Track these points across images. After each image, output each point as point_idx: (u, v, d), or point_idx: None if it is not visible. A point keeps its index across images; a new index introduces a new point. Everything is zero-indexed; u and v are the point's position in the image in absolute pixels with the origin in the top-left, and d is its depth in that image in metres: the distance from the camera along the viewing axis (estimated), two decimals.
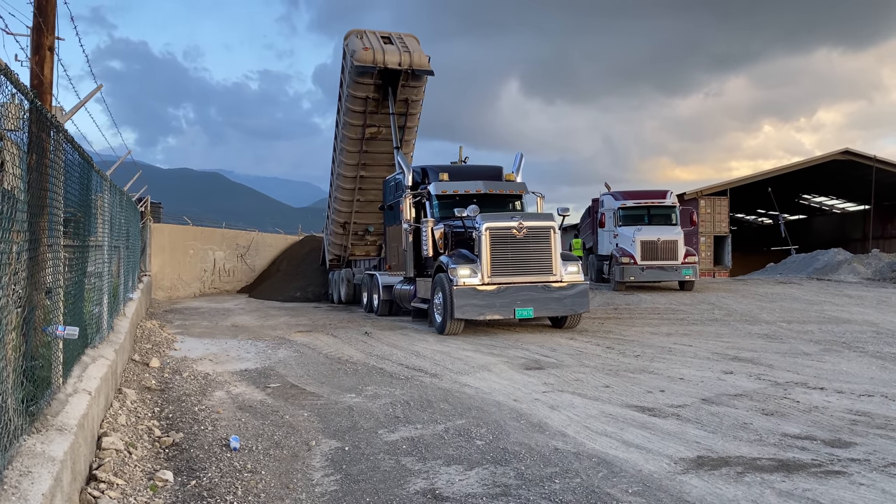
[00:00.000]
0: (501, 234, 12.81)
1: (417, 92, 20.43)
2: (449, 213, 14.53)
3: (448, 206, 14.70)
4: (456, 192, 14.85)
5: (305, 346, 12.56)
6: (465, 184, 15.02)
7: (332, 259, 24.36)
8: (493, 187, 15.13)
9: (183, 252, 27.95)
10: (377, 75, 19.38)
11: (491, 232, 12.80)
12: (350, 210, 22.55)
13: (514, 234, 12.84)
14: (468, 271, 12.64)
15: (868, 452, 5.54)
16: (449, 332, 12.98)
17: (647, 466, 5.33)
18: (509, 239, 12.84)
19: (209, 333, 14.91)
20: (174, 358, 11.18)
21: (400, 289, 16.49)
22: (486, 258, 12.75)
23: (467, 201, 14.38)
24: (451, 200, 14.76)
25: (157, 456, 5.92)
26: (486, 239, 12.75)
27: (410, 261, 15.40)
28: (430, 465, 5.53)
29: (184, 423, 7.05)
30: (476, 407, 7.40)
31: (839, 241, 38.67)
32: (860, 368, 9.26)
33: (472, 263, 12.72)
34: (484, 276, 12.67)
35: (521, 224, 12.86)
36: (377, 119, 20.62)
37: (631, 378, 8.84)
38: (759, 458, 5.47)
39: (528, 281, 12.87)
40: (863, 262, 27.40)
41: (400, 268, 16.49)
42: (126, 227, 12.38)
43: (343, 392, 8.40)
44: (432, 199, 14.94)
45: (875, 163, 36.77)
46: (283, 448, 6.12)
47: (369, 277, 19.97)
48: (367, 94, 19.89)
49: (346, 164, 21.56)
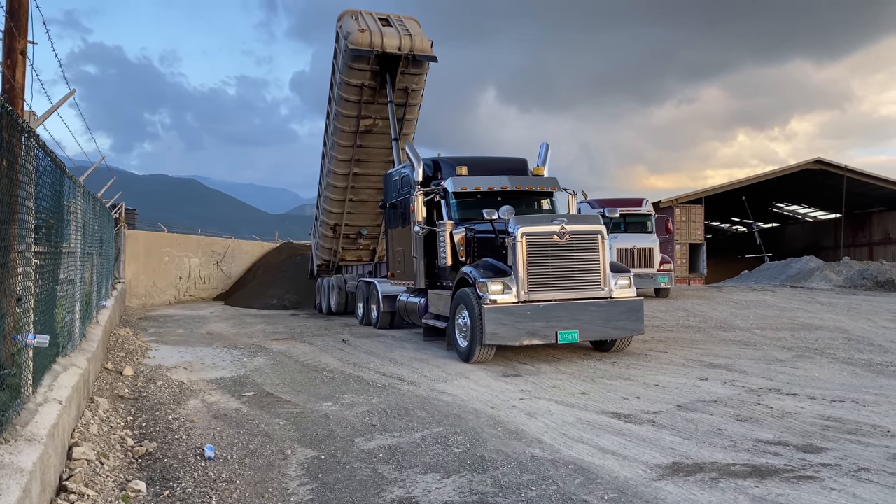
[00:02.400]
0: (541, 240, 10.52)
1: (418, 80, 18.59)
2: (469, 213, 12.31)
3: (467, 206, 12.45)
4: (478, 188, 12.50)
5: (282, 354, 12.47)
6: (488, 179, 12.64)
7: (321, 265, 22.49)
8: (520, 183, 12.78)
9: (158, 259, 27.63)
10: (374, 60, 17.56)
11: (528, 238, 10.47)
12: (341, 211, 20.70)
13: (556, 240, 10.54)
14: (500, 286, 10.35)
15: (839, 458, 5.62)
16: (478, 359, 10.58)
17: (622, 473, 5.35)
18: (550, 247, 10.54)
19: (184, 341, 14.74)
20: (148, 366, 11.04)
21: (406, 301, 14.30)
22: (523, 270, 10.40)
23: (490, 199, 12.39)
24: (472, 198, 12.51)
25: (130, 466, 5.84)
26: (523, 247, 10.42)
27: (421, 270, 13.13)
28: (406, 473, 5.51)
29: (157, 432, 6.95)
30: (453, 414, 7.39)
31: (811, 249, 39.33)
32: (832, 374, 9.39)
33: (505, 276, 10.46)
34: (520, 292, 10.37)
35: (564, 229, 10.55)
36: (373, 110, 18.68)
37: (607, 385, 8.89)
38: (733, 464, 5.53)
39: (572, 297, 10.59)
40: (834, 270, 27.86)
41: (406, 277, 14.17)
42: (99, 233, 12.22)
43: (319, 400, 8.34)
44: (449, 196, 12.52)
45: (846, 172, 37.44)
46: (258, 457, 6.06)
47: (366, 285, 18.00)
48: (362, 81, 18.02)
49: (338, 160, 19.63)
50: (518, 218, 10.69)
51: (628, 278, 11.07)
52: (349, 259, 21.95)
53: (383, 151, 19.36)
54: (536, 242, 10.53)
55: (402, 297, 14.65)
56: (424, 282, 13.12)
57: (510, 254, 10.59)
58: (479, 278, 10.49)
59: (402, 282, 14.57)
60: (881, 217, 41.37)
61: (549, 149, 14.01)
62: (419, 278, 13.19)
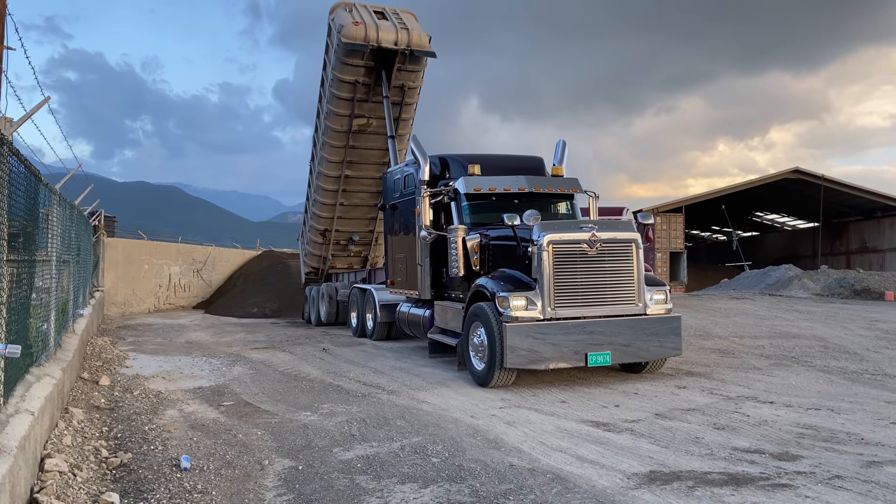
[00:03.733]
0: (569, 250, 9.35)
1: (415, 77, 17.53)
2: (482, 217, 11.14)
3: (481, 209, 11.25)
4: (492, 189, 11.21)
5: (261, 363, 12.39)
6: (504, 179, 11.38)
7: (309, 272, 21.56)
8: (539, 184, 11.55)
9: (137, 267, 27.37)
10: (369, 56, 16.54)
11: (555, 247, 9.29)
12: (332, 216, 19.69)
13: (586, 249, 9.38)
14: (524, 301, 9.18)
15: (814, 465, 5.67)
16: (497, 384, 9.34)
17: (600, 482, 5.37)
18: (579, 257, 9.38)
19: (163, 350, 14.60)
20: (125, 376, 10.92)
21: (408, 313, 12.99)
22: (549, 282, 9.22)
23: (506, 202, 11.27)
24: (485, 201, 11.29)
25: (104, 477, 5.76)
26: (549, 256, 9.23)
27: (427, 279, 11.88)
28: (384, 483, 5.49)
29: (133, 442, 6.87)
30: (433, 424, 7.38)
31: (790, 258, 39.83)
32: (808, 382, 9.49)
33: (528, 290, 9.27)
34: (545, 308, 9.18)
35: (595, 236, 9.41)
36: (367, 108, 17.64)
37: (586, 393, 8.91)
38: (709, 472, 5.56)
39: (604, 314, 9.46)
40: (812, 279, 28.20)
41: (408, 286, 12.90)
42: (77, 241, 12.10)
43: (298, 410, 8.29)
44: (460, 198, 11.27)
45: (823, 182, 37.95)
46: (235, 468, 6.01)
47: (360, 293, 16.80)
48: (356, 77, 16.96)
49: (329, 162, 18.56)
50: (543, 224, 9.54)
51: (664, 292, 10.02)
52: (339, 266, 21.09)
53: (377, 153, 18.53)
54: (564, 252, 9.34)
55: (403, 308, 13.37)
56: (430, 292, 11.94)
57: (535, 264, 9.37)
58: (500, 292, 9.30)
59: (402, 291, 13.37)
60: (858, 226, 41.95)
61: (567, 147, 12.82)
62: (424, 288, 11.97)
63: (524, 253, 9.59)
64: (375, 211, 19.67)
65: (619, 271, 9.60)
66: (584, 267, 9.43)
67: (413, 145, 12.27)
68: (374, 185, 19.22)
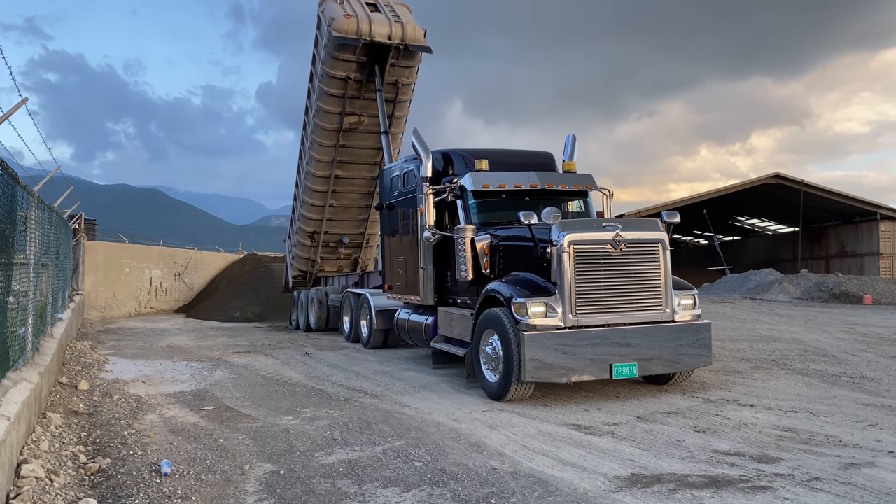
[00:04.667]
0: (591, 251, 8.59)
1: (410, 73, 16.80)
2: (490, 216, 10.40)
3: (489, 207, 10.48)
4: (502, 186, 10.43)
5: (243, 367, 12.31)
6: (514, 175, 10.61)
7: (297, 276, 20.70)
8: (551, 181, 10.78)
9: (118, 270, 27.13)
10: (361, 50, 15.79)
11: (577, 248, 8.52)
12: (321, 217, 18.95)
13: (609, 251, 8.63)
14: (543, 308, 8.40)
15: (793, 467, 5.72)
16: (513, 398, 8.58)
17: (582, 485, 5.38)
18: (602, 258, 8.62)
19: (143, 354, 14.47)
20: (105, 380, 10.81)
21: (408, 320, 12.16)
22: (570, 287, 8.45)
23: (517, 200, 10.51)
24: (494, 198, 10.53)
25: (82, 483, 5.69)
26: (570, 258, 8.47)
27: (430, 283, 11.03)
28: (366, 487, 5.47)
29: (112, 448, 6.80)
30: (416, 428, 7.36)
31: (770, 262, 40.18)
32: (787, 386, 9.57)
33: (547, 295, 8.49)
34: (566, 316, 8.42)
35: (620, 236, 8.67)
36: (358, 105, 16.90)
37: (568, 396, 8.94)
38: (690, 474, 5.59)
39: (629, 322, 8.72)
40: (792, 282, 28.50)
41: (408, 290, 11.99)
42: (56, 244, 11.96)
43: (280, 414, 8.25)
44: (467, 196, 10.44)
45: (803, 187, 38.39)
46: (215, 472, 5.96)
47: (354, 298, 15.93)
48: (347, 73, 16.23)
49: (318, 162, 17.82)
50: (563, 223, 8.76)
51: (692, 297, 9.34)
52: (328, 270, 20.36)
53: (369, 152, 17.87)
54: (586, 253, 8.57)
55: (402, 315, 12.54)
56: (433, 297, 11.08)
57: (554, 267, 8.57)
58: (516, 297, 8.53)
59: (402, 296, 12.46)
60: (837, 231, 42.45)
61: (577, 141, 11.92)
62: (427, 293, 11.10)
63: (542, 255, 8.78)
64: (366, 212, 19.25)
65: (646, 274, 8.84)
66: (607, 270, 8.66)
67: (415, 139, 11.19)
68: (365, 186, 18.73)
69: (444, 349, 10.62)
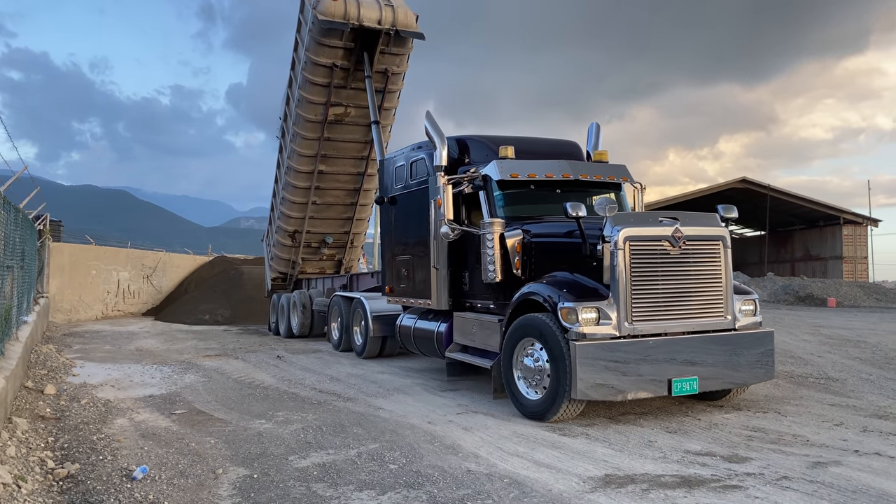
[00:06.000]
0: (648, 248, 7.58)
1: (400, 62, 15.85)
2: (516, 209, 9.29)
3: (514, 200, 9.39)
4: (532, 176, 9.35)
5: (214, 370, 12.17)
6: (544, 164, 9.54)
7: (276, 278, 19.66)
8: (585, 171, 9.72)
9: (84, 273, 26.65)
10: (349, 36, 14.76)
11: (633, 245, 7.50)
12: (303, 216, 17.92)
13: (667, 248, 7.62)
14: (595, 313, 7.37)
15: (762, 467, 5.83)
16: (561, 417, 7.61)
17: (556, 486, 5.42)
18: (660, 257, 7.62)
19: (111, 358, 14.23)
20: (72, 384, 10.61)
21: (414, 327, 10.89)
22: (626, 290, 7.43)
23: (546, 191, 9.54)
24: (521, 190, 9.44)
25: (50, 489, 5.59)
26: (625, 256, 7.45)
27: (445, 285, 9.95)
28: (341, 490, 5.45)
29: (81, 453, 6.68)
30: (390, 430, 7.35)
31: (737, 266, 40.81)
32: (755, 386, 9.69)
33: (599, 299, 7.45)
34: (622, 323, 7.39)
35: (680, 232, 7.65)
36: (344, 96, 15.92)
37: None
38: (662, 474, 5.67)
39: (689, 330, 7.72)
40: (759, 285, 29.03)
41: (415, 294, 10.80)
42: (21, 246, 11.72)
43: (253, 418, 8.17)
44: (491, 187, 9.32)
45: (769, 191, 39.13)
46: (188, 477, 5.89)
47: (345, 303, 14.59)
48: (333, 60, 15.22)
49: (301, 156, 16.75)
50: (616, 217, 7.66)
51: (753, 302, 8.40)
52: (310, 271, 19.36)
53: (356, 146, 16.92)
54: (643, 251, 7.55)
55: (406, 321, 11.26)
56: (448, 301, 10.01)
57: (607, 267, 7.54)
58: (564, 302, 7.44)
59: (405, 300, 11.26)
60: (802, 234, 43.33)
61: (601, 130, 10.88)
62: (440, 297, 9.99)
63: (591, 253, 7.73)
64: (352, 210, 18.52)
65: (706, 275, 7.86)
66: (665, 270, 7.64)
67: (427, 123, 9.97)
68: (351, 182, 17.91)
69: (462, 360, 9.48)
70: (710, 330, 7.84)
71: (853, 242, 40.25)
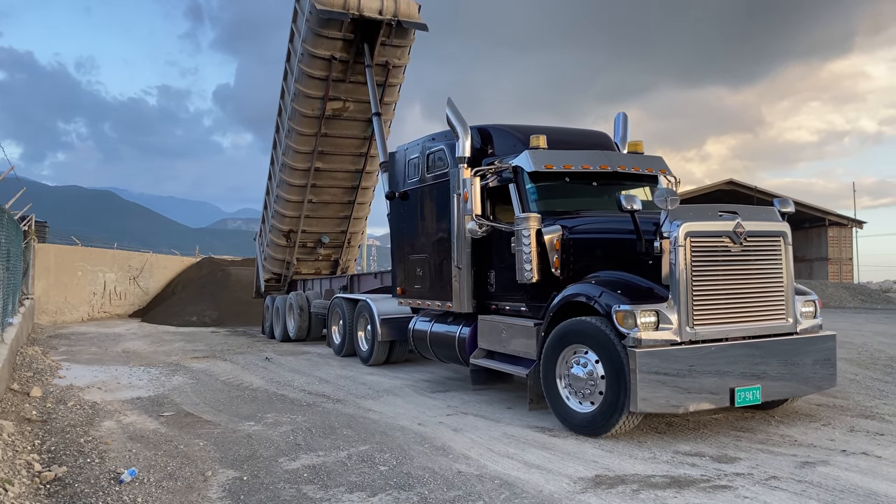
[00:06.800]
0: (710, 245, 6.96)
1: (402, 54, 15.41)
2: (549, 204, 8.56)
3: (547, 193, 8.67)
4: (568, 167, 8.66)
5: (202, 372, 12.10)
6: (580, 155, 8.86)
7: (270, 279, 19.07)
8: (623, 162, 9.06)
9: (70, 274, 26.45)
10: (348, 26, 14.31)
11: (694, 241, 6.88)
12: (298, 215, 17.34)
13: (728, 245, 7.03)
14: (654, 317, 6.72)
15: (751, 467, 5.87)
16: (618, 431, 6.91)
17: (547, 487, 5.43)
18: (721, 254, 7.01)
19: (98, 360, 14.12)
20: (59, 386, 10.52)
21: (431, 331, 10.25)
22: (687, 291, 6.79)
23: (581, 185, 8.89)
24: (554, 183, 8.74)
25: (37, 493, 5.53)
26: (686, 254, 6.81)
27: (468, 286, 9.26)
28: (332, 492, 5.43)
29: (68, 455, 6.62)
30: (380, 432, 7.34)
31: None
32: None
33: (658, 301, 6.80)
34: (682, 327, 6.75)
35: (742, 227, 7.07)
36: (343, 90, 15.40)
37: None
38: (653, 475, 5.69)
39: (751, 334, 7.12)
40: None
41: (432, 295, 10.15)
42: (6, 246, 11.61)
43: (242, 420, 8.13)
44: (523, 179, 8.61)
45: (756, 193, 39.37)
46: (176, 479, 5.85)
47: (348, 305, 13.66)
48: (331, 52, 14.70)
49: (297, 152, 16.18)
50: (676, 210, 7.02)
51: (813, 303, 7.79)
52: (305, 272, 18.81)
53: (354, 142, 16.41)
54: (704, 248, 6.93)
55: (420, 325, 10.62)
56: (471, 303, 9.36)
57: (667, 265, 6.87)
58: (619, 304, 6.76)
59: (421, 301, 10.54)
60: None
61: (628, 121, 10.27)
62: (462, 298, 9.30)
63: (647, 250, 7.07)
64: (349, 209, 18.08)
65: (768, 274, 7.27)
66: (726, 269, 7.04)
67: (449, 111, 9.30)
68: (348, 180, 17.46)
69: (492, 367, 8.84)
70: (771, 334, 7.25)
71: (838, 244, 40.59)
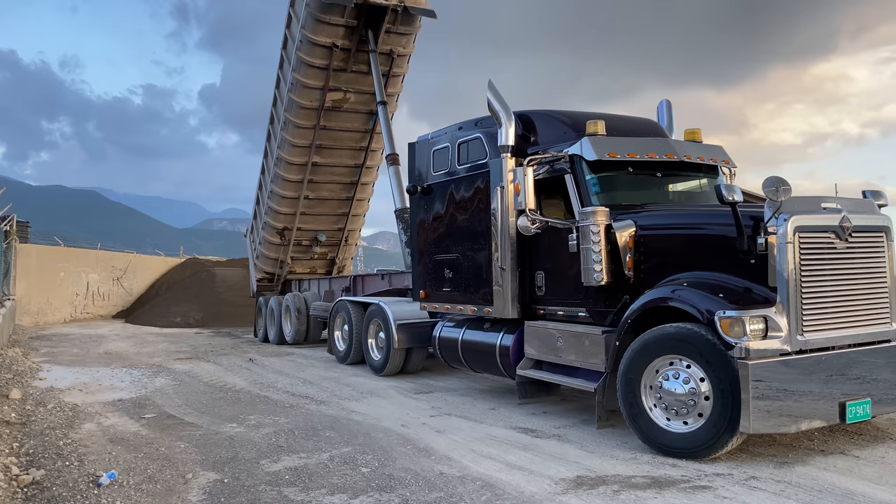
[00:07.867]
0: (817, 241, 6.25)
1: (407, 42, 14.70)
2: (614, 196, 7.76)
3: (610, 185, 7.87)
4: (632, 156, 7.80)
5: (185, 374, 12.04)
6: (646, 143, 8.06)
7: (262, 278, 18.15)
8: (689, 151, 8.22)
9: (53, 275, 26.21)
10: (352, 12, 13.63)
11: (803, 237, 6.14)
12: (293, 212, 16.49)
13: (834, 241, 6.33)
14: (762, 324, 5.93)
15: (731, 467, 5.91)
16: (723, 452, 6.11)
17: (528, 488, 5.44)
18: (827, 252, 6.30)
19: (80, 361, 14.01)
20: (39, 388, 10.42)
21: (465, 339, 9.28)
22: (796, 293, 6.06)
23: (643, 175, 8.07)
24: (617, 173, 7.92)
25: (14, 496, 5.48)
26: (794, 251, 6.07)
27: (511, 289, 8.26)
28: (313, 495, 5.41)
29: (46, 458, 6.56)
30: (363, 433, 7.33)
31: None
32: None
33: (765, 305, 6.02)
34: (793, 334, 6.01)
35: (848, 222, 6.36)
36: (344, 80, 14.66)
37: (515, 400, 9.01)
38: (633, 476, 5.72)
39: (857, 341, 6.39)
40: None
41: (465, 299, 9.29)
42: None
43: (224, 422, 8.09)
44: (582, 170, 7.76)
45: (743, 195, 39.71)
46: (157, 482, 5.81)
47: (355, 308, 12.46)
48: (333, 40, 13.98)
49: (293, 146, 15.35)
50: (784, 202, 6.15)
51: None
52: (300, 271, 18.02)
53: (354, 135, 15.70)
54: (814, 245, 6.21)
55: (448, 332, 9.70)
56: (516, 308, 8.35)
57: (774, 264, 6.09)
58: (725, 310, 5.94)
59: (447, 306, 9.72)
60: None
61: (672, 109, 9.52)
62: (506, 302, 8.30)
63: (749, 247, 6.26)
64: (347, 205, 17.40)
65: (871, 273, 6.56)
66: (832, 268, 6.32)
67: (491, 95, 8.32)
68: (347, 175, 16.78)
69: (546, 379, 7.99)
70: (877, 341, 6.51)
71: None
